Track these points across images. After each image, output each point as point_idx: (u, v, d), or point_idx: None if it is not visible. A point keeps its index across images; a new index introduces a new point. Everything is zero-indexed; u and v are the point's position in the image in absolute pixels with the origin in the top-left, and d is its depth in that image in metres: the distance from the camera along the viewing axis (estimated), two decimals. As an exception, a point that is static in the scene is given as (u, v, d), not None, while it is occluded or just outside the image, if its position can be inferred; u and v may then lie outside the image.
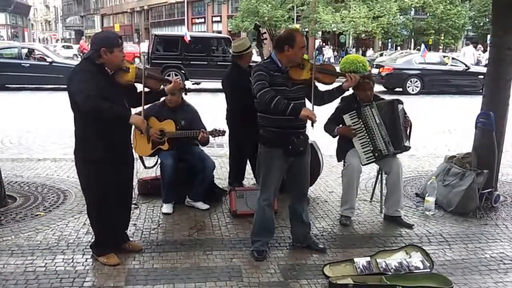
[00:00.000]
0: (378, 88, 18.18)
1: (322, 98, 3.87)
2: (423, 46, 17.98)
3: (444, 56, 19.23)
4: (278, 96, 3.51)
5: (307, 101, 3.83)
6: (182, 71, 16.51)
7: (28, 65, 16.07)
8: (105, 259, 3.69)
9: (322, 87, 3.89)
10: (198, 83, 17.68)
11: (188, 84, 16.73)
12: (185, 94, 4.50)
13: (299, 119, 3.61)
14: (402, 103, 4.71)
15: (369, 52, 36.92)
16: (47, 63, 16.21)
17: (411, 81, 16.95)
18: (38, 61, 16.38)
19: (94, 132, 3.47)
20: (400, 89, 16.99)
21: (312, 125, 3.59)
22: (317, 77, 3.75)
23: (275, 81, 3.62)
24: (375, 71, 17.79)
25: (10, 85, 16.32)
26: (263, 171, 3.83)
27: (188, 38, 16.46)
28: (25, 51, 16.73)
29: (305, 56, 3.82)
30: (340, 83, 3.84)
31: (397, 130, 4.62)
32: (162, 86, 3.84)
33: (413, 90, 16.88)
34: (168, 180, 4.79)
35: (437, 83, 17.16)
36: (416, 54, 19.09)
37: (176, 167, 4.83)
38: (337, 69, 4.03)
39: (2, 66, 15.69)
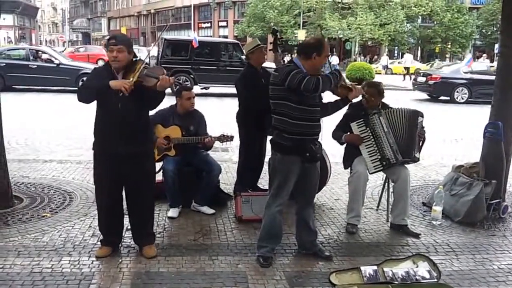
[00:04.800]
0: (422, 96, 18.65)
1: (326, 109, 3.91)
2: (469, 56, 18.22)
3: (491, 66, 19.28)
4: (315, 79, 3.49)
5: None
6: (191, 76, 16.55)
7: (36, 66, 16.15)
8: (97, 249, 3.90)
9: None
10: (207, 88, 17.75)
11: (197, 88, 16.83)
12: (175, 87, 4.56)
13: (319, 126, 3.72)
14: (423, 116, 4.65)
15: (408, 57, 31.94)
16: (55, 65, 16.30)
17: (458, 90, 17.22)
18: (45, 62, 16.46)
19: (95, 127, 3.75)
20: (448, 98, 17.32)
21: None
22: (334, 88, 3.73)
23: None
24: (422, 79, 18.16)
25: (17, 86, 16.38)
26: (280, 178, 3.79)
27: (196, 43, 16.48)
28: (32, 52, 16.83)
29: None
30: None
31: (408, 140, 4.58)
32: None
33: (460, 99, 17.12)
34: (171, 186, 4.79)
35: (484, 92, 17.21)
36: (462, 63, 19.42)
37: (179, 172, 4.83)
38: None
39: (9, 67, 15.77)
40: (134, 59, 3.67)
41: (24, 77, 16.03)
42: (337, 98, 3.91)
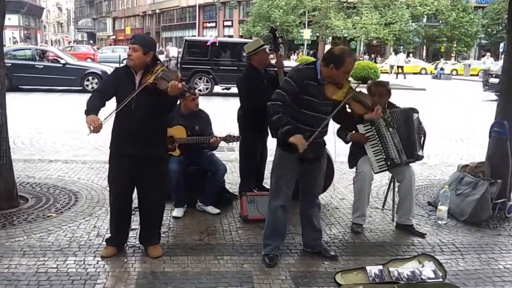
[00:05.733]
0: (489, 96, 18.40)
1: (343, 120, 3.91)
2: None
3: None
4: (280, 114, 3.50)
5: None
6: (211, 76, 16.58)
7: (42, 66, 16.19)
8: (103, 249, 3.91)
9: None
10: (228, 88, 17.77)
11: (217, 88, 16.84)
12: (184, 95, 4.42)
13: (317, 127, 3.64)
14: (417, 112, 4.68)
15: (401, 56, 32.08)
16: (61, 65, 16.34)
17: None
18: (51, 62, 16.50)
19: (113, 126, 3.77)
20: None
21: (294, 152, 3.55)
22: (349, 103, 3.70)
23: (307, 90, 3.58)
24: (494, 80, 17.80)
25: (23, 86, 16.43)
26: (277, 173, 3.82)
27: (209, 42, 16.51)
28: (38, 52, 16.87)
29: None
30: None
31: (411, 139, 4.59)
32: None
33: None
34: (175, 185, 4.77)
35: None
36: None
37: (184, 172, 4.83)
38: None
39: (15, 67, 15.78)
40: (158, 62, 3.71)
41: (30, 77, 16.05)
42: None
